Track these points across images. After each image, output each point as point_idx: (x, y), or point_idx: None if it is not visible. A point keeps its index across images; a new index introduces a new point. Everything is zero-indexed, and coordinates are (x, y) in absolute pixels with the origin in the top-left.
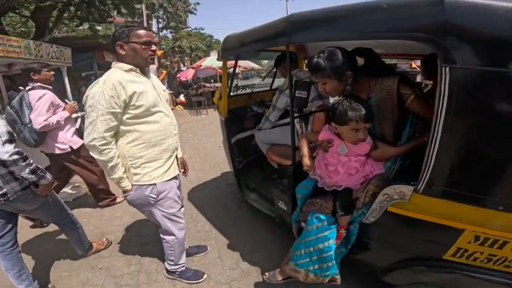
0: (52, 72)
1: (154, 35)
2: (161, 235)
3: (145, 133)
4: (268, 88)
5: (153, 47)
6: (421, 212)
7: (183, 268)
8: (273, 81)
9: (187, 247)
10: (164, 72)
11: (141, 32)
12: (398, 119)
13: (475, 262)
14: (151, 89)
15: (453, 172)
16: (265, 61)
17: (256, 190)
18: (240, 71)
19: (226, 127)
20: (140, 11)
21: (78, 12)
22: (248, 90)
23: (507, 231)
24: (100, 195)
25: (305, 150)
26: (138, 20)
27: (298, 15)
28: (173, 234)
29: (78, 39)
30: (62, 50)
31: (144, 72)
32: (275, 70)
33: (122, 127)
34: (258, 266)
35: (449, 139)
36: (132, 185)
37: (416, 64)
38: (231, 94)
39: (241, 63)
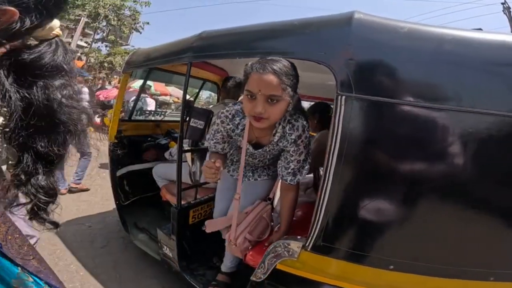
0: None
1: (87, 45)
2: None
3: None
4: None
5: None
6: (310, 271)
7: None
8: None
9: None
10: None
11: None
12: None
13: None
14: None
15: (342, 228)
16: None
17: (146, 230)
18: (172, 101)
19: (112, 154)
20: (79, 17)
21: None
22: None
23: None
24: None
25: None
26: (73, 26)
27: (210, 31)
28: None
29: None
30: None
31: None
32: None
33: None
34: None
35: (339, 190)
36: None
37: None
38: (133, 118)
39: (172, 92)
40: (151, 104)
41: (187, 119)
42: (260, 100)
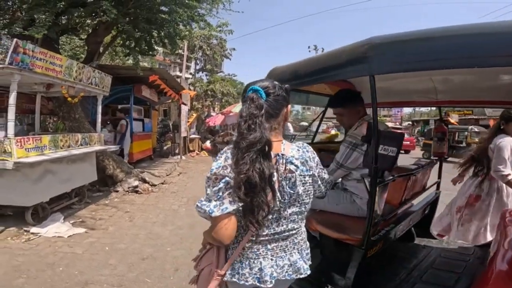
0: None
1: (191, 76)
2: None
3: None
4: (309, 141)
5: None
6: None
7: None
8: (316, 132)
9: None
10: (195, 115)
11: None
12: None
13: None
14: None
15: None
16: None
17: None
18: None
19: None
20: (182, 50)
21: (128, 41)
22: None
23: None
24: None
25: None
26: (179, 60)
27: (382, 37)
28: None
29: (120, 69)
30: (103, 77)
31: None
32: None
33: None
34: None
35: None
36: None
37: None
38: None
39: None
40: (291, 128)
41: (376, 146)
42: None
